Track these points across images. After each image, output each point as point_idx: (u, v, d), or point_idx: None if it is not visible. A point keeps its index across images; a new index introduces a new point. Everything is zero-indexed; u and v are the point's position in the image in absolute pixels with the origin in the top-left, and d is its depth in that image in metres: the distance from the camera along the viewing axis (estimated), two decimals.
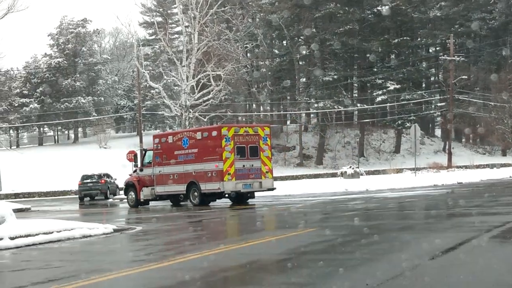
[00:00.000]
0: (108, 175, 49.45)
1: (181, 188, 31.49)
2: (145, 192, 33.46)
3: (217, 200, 31.60)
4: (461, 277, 9.29)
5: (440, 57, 75.05)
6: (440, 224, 17.23)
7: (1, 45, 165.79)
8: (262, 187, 30.63)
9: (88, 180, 48.44)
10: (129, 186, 34.73)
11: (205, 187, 30.17)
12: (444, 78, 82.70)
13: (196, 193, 30.73)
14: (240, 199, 31.00)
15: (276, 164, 79.92)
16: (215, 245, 14.28)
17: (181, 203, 33.33)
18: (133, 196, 34.22)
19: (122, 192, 42.45)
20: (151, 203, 34.80)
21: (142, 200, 33.76)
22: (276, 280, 9.71)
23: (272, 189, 31.46)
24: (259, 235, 15.98)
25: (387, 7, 77.26)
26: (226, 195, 30.72)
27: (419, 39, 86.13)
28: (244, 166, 29.80)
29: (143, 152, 34.73)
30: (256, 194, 33.81)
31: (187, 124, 50.73)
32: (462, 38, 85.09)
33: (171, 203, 34.09)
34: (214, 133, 30.20)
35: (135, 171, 35.04)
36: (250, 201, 31.84)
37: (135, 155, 35.25)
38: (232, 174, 29.34)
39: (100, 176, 48.08)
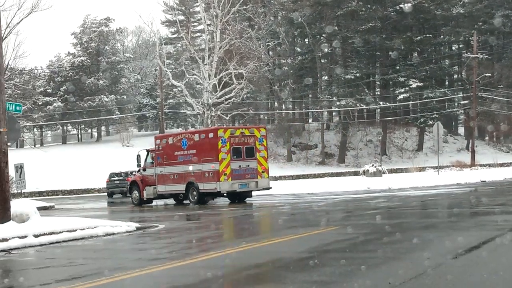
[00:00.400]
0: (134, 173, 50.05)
1: (181, 187, 32.51)
2: (148, 191, 34.48)
3: (214, 199, 32.79)
4: (484, 276, 9.25)
5: (463, 55, 74.53)
6: (463, 222, 17.14)
7: (26, 44, 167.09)
8: (258, 186, 31.54)
9: (115, 178, 50.02)
10: (133, 185, 35.72)
11: (203, 186, 31.25)
12: (467, 76, 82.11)
13: (194, 193, 31.73)
14: (238, 198, 31.98)
15: (298, 163, 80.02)
16: (238, 243, 14.32)
17: (184, 201, 33.89)
18: (137, 194, 35.20)
19: None
20: (154, 202, 35.60)
21: (145, 199, 34.71)
22: (298, 278, 9.72)
23: (268, 188, 32.39)
24: (281, 233, 16.00)
25: (409, 4, 76.85)
26: (225, 194, 31.68)
27: (442, 36, 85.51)
28: (240, 166, 30.80)
29: (147, 152, 35.48)
30: (277, 192, 34.10)
31: (209, 123, 50.84)
32: (486, 35, 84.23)
33: (175, 202, 34.72)
34: (211, 135, 31.15)
35: (138, 170, 35.99)
36: (270, 199, 32.03)
37: (139, 155, 35.71)
38: (228, 174, 30.38)
39: (126, 174, 48.65)
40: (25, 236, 16.47)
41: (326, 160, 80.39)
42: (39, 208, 23.33)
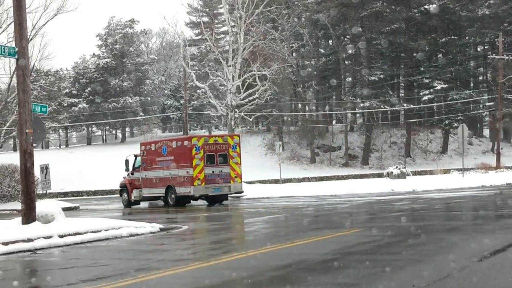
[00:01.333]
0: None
1: (162, 191, 34.82)
2: (135, 194, 36.64)
3: (191, 202, 34.70)
4: (510, 279, 9.18)
5: (488, 56, 73.89)
6: (488, 225, 17.01)
7: (51, 46, 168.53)
8: (231, 190, 33.86)
9: None
10: (123, 188, 38.07)
11: (179, 190, 33.55)
12: (492, 77, 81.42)
13: (173, 196, 34.07)
14: (214, 201, 33.96)
15: (321, 164, 79.89)
16: (261, 244, 14.32)
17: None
18: (126, 197, 37.53)
19: None
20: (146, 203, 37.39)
21: (132, 200, 36.82)
22: (322, 280, 9.71)
23: (241, 192, 34.92)
24: (304, 235, 15.97)
25: (434, 5, 76.40)
26: (204, 197, 33.96)
27: (467, 37, 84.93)
28: (213, 172, 33.00)
29: (134, 157, 37.61)
30: (301, 194, 34.10)
31: (232, 124, 50.92)
32: (511, 37, 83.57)
33: (164, 203, 35.89)
34: (186, 143, 33.46)
35: (128, 174, 37.93)
36: (293, 200, 32.01)
37: (127, 160, 37.72)
38: (201, 179, 32.58)
39: None
40: (50, 237, 16.60)
41: (350, 162, 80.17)
42: (64, 209, 23.52)
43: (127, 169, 37.74)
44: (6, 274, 12.28)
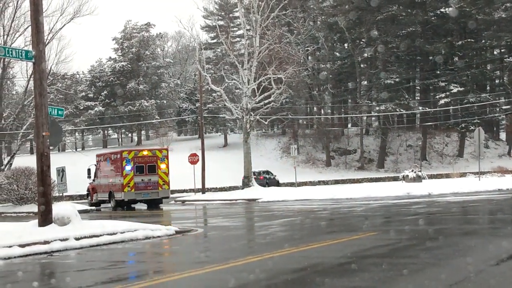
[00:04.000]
0: None
1: (106, 195, 40.82)
2: (94, 197, 43.12)
3: (132, 205, 39.76)
4: None
5: (505, 59, 73.59)
6: (504, 229, 16.92)
7: (68, 49, 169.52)
8: (159, 196, 39.28)
9: None
10: (88, 192, 44.88)
11: (116, 196, 39.10)
12: (509, 81, 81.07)
13: (113, 200, 39.76)
14: (150, 204, 39.29)
15: (337, 168, 79.80)
16: (277, 247, 14.32)
17: (133, 205, 40.35)
18: (89, 199, 44.35)
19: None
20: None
21: (94, 202, 42.99)
22: (338, 283, 9.70)
23: (167, 197, 40.66)
24: (320, 238, 15.95)
25: (451, 8, 76.10)
26: (143, 201, 39.26)
27: (483, 41, 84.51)
28: (142, 180, 38.44)
29: (94, 166, 43.56)
30: (316, 197, 34.15)
31: (248, 127, 50.94)
32: None
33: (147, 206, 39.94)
34: (119, 156, 39.22)
35: (91, 181, 44.23)
36: (308, 203, 31.94)
37: (89, 169, 44.13)
38: (131, 186, 38.05)
39: None
40: (67, 239, 16.66)
41: (365, 165, 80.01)
42: (80, 211, 23.62)
43: (89, 177, 44.07)
44: (24, 276, 12.36)
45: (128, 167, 38.09)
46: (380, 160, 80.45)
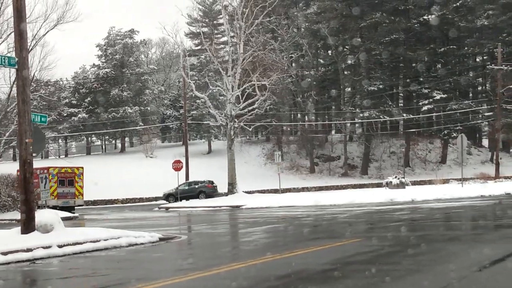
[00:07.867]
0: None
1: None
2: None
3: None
4: None
5: (487, 66, 74.10)
6: (487, 235, 17.01)
7: (51, 56, 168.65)
8: (76, 203, 47.98)
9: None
10: None
11: (48, 202, 44.28)
12: (491, 88, 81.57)
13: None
14: (65, 209, 43.79)
15: (321, 174, 79.92)
16: (261, 254, 14.31)
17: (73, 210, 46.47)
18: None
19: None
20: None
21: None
22: None
23: (82, 205, 50.46)
24: (304, 245, 15.96)
25: (433, 16, 76.55)
26: (63, 208, 44.44)
27: (466, 48, 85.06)
28: (63, 191, 47.01)
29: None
30: (300, 203, 34.06)
31: (232, 134, 50.94)
32: (510, 47, 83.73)
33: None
34: (47, 171, 46.73)
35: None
36: (292, 210, 31.90)
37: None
38: (55, 195, 46.25)
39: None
40: (49, 246, 16.57)
41: (349, 171, 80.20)
42: (63, 219, 23.49)
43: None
44: (6, 284, 12.27)
45: (53, 180, 46.59)
46: (363, 166, 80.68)
